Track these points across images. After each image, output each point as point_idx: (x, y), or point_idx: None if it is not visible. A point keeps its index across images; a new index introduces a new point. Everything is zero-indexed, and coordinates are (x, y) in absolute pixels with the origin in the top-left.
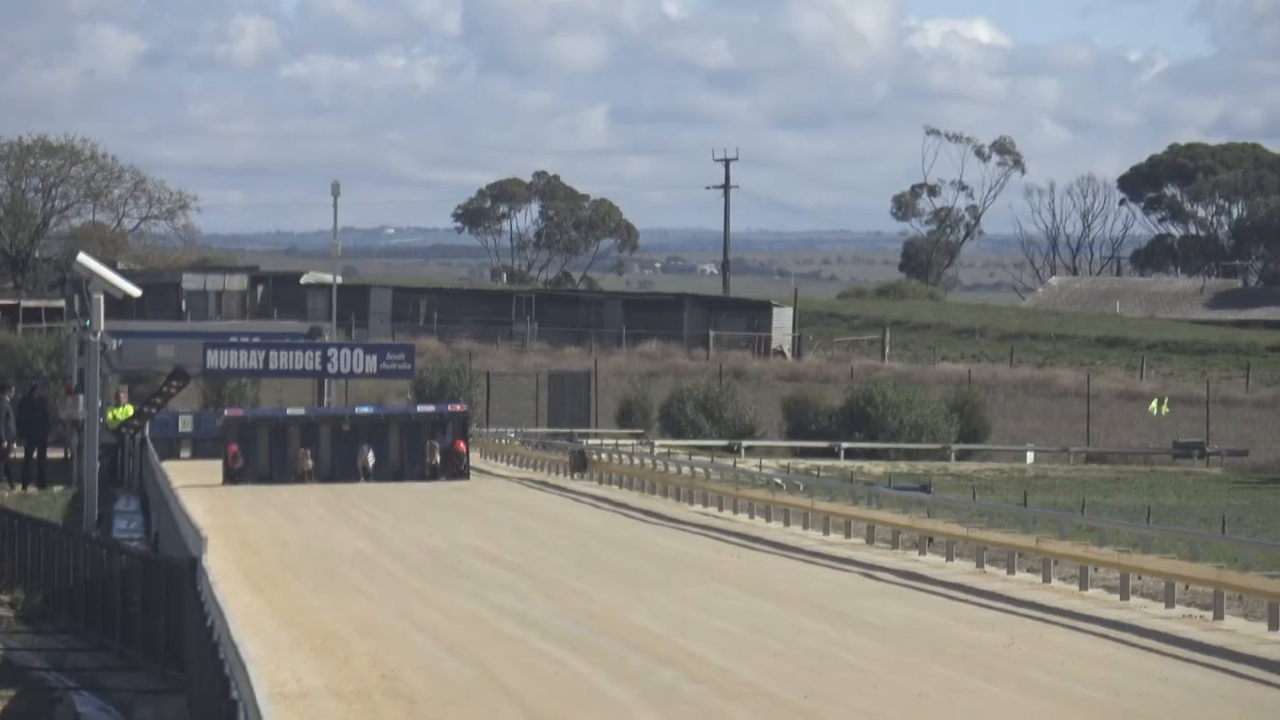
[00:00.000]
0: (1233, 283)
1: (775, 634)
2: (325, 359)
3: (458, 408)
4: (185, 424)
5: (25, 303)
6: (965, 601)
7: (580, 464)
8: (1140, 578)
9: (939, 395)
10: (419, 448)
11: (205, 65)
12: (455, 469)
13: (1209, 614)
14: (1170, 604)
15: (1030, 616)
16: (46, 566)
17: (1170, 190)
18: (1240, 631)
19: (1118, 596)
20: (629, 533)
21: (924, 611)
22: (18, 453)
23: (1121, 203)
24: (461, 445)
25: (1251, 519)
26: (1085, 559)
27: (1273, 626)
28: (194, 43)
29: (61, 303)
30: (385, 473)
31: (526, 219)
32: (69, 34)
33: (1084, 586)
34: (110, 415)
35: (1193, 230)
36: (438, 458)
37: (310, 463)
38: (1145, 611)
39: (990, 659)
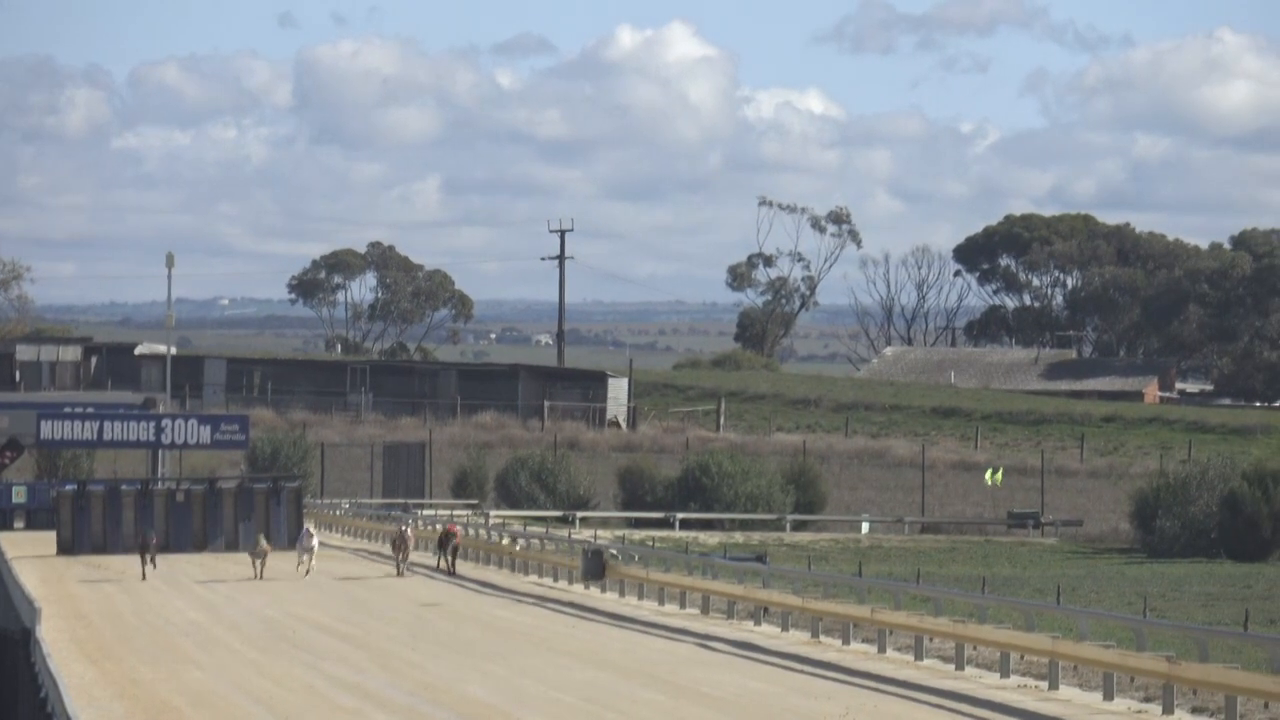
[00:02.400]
0: (1067, 353)
1: (610, 704)
2: (159, 430)
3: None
4: (19, 495)
5: None
6: (800, 672)
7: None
8: (976, 648)
9: (774, 466)
10: (254, 518)
11: (35, 136)
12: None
13: (1044, 684)
14: (1005, 674)
15: (865, 687)
16: None
17: (1004, 261)
18: (1075, 701)
19: (953, 666)
20: (464, 603)
21: (759, 682)
22: None
23: (956, 273)
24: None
25: (1086, 589)
26: (920, 629)
27: (1107, 696)
28: (24, 114)
29: None
30: (219, 544)
31: (361, 290)
32: None
33: (919, 656)
34: None
35: (1027, 300)
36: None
37: (154, 538)
38: (981, 681)
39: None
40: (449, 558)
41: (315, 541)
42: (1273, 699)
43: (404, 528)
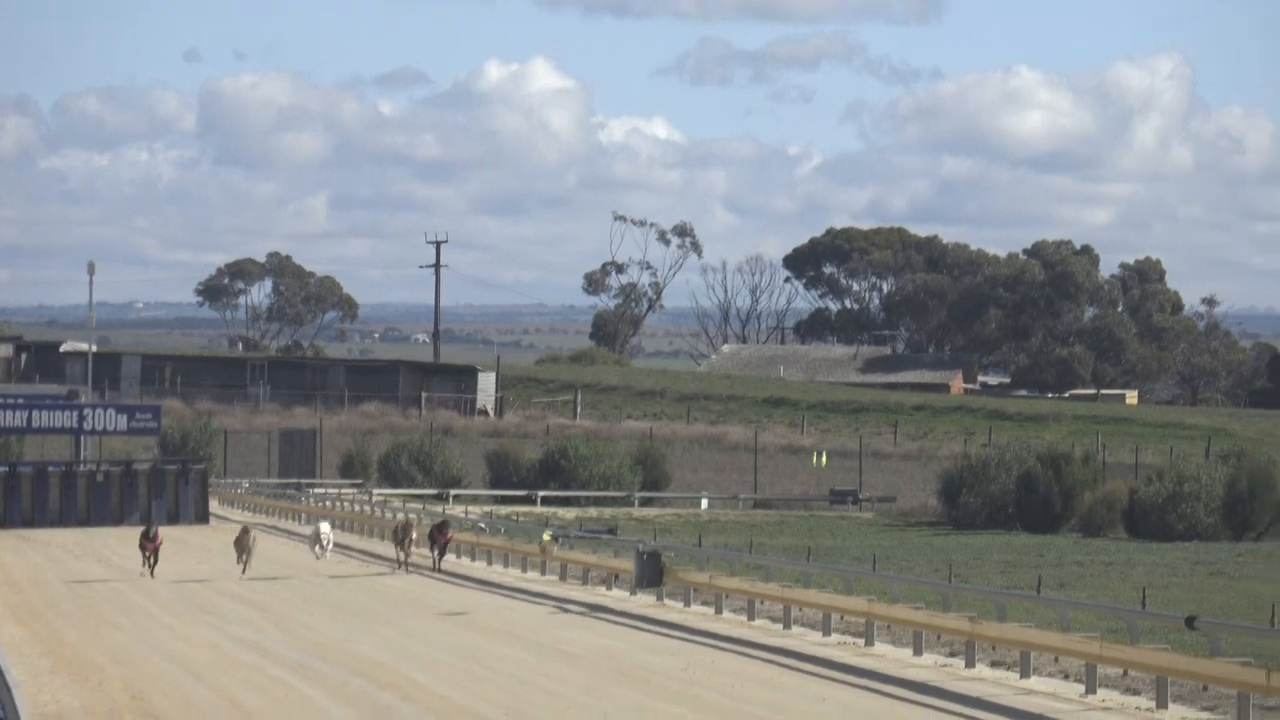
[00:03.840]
0: (882, 350)
1: (482, 661)
2: (81, 418)
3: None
4: None
5: None
6: (647, 631)
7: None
8: (801, 609)
9: (624, 449)
10: (165, 495)
11: None
12: (199, 514)
13: (861, 641)
14: (827, 632)
15: (704, 644)
16: None
17: (828, 268)
18: (889, 657)
19: (781, 626)
20: (351, 572)
21: (610, 640)
22: None
23: (785, 280)
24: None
25: (898, 557)
26: (752, 593)
27: (917, 652)
28: None
29: None
30: (135, 519)
31: (259, 294)
32: None
33: (751, 617)
34: None
35: (848, 304)
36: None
37: (159, 539)
38: (806, 639)
39: (668, 682)
40: (437, 553)
41: (328, 530)
42: (1062, 654)
43: (409, 518)
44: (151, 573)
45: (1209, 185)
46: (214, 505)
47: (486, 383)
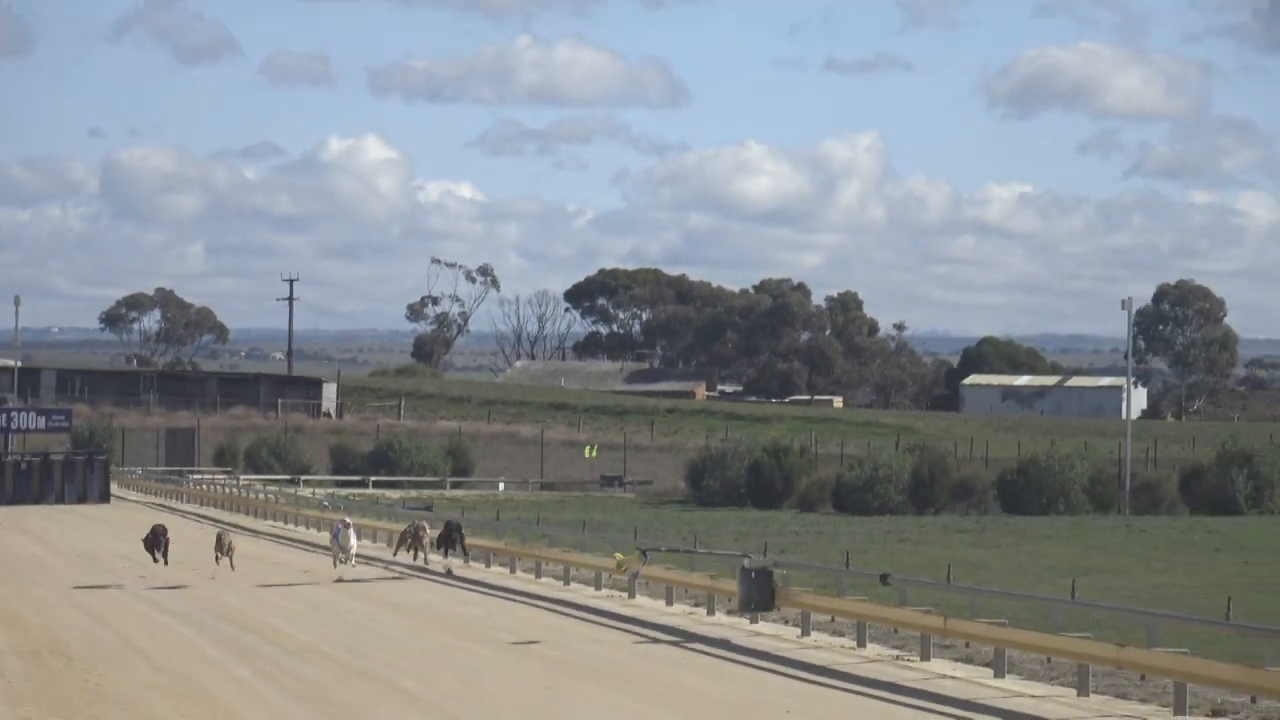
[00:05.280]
0: (642, 365)
1: (326, 611)
2: (9, 419)
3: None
4: None
5: None
6: (456, 588)
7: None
8: (578, 570)
9: (438, 443)
10: (75, 480)
11: None
12: (101, 495)
13: (625, 594)
14: (599, 588)
15: (501, 598)
16: None
17: (600, 301)
18: (647, 606)
19: (563, 583)
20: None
21: (427, 595)
22: None
23: (565, 310)
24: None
25: (655, 528)
26: (539, 556)
27: (669, 603)
28: None
29: None
30: (51, 499)
31: (149, 321)
32: None
33: (539, 575)
34: None
35: (615, 329)
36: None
37: (167, 538)
38: (582, 593)
39: (472, 626)
40: (456, 556)
41: (353, 538)
42: (784, 604)
43: (418, 522)
44: (165, 560)
45: (898, 235)
46: (114, 488)
47: (329, 391)
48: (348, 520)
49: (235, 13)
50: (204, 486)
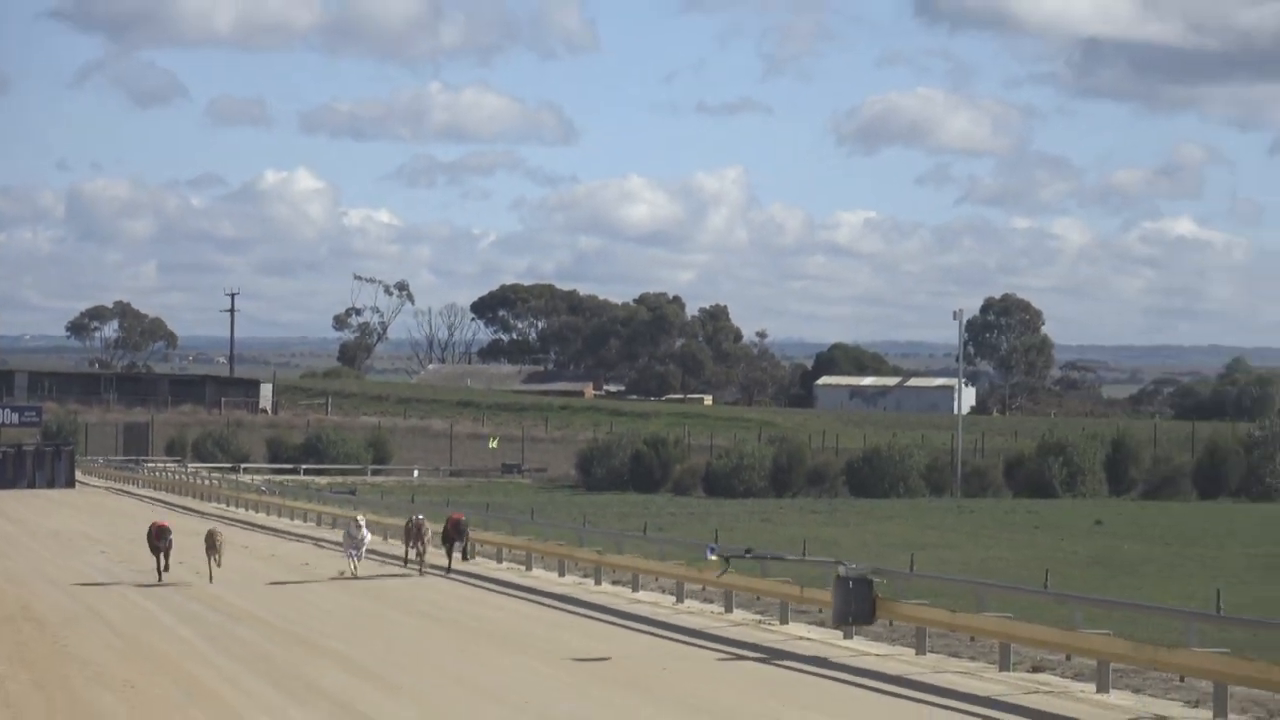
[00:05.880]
0: (538, 368)
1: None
2: None
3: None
4: None
5: None
6: (375, 560)
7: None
8: (481, 546)
9: (361, 436)
10: (45, 468)
11: None
12: (68, 480)
13: (524, 568)
14: (500, 561)
15: (418, 570)
16: None
17: (502, 312)
18: (542, 578)
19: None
20: (182, 522)
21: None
22: None
23: (472, 320)
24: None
25: (549, 510)
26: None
27: (561, 574)
28: None
29: None
30: (24, 484)
31: (110, 330)
32: None
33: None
34: None
35: (515, 336)
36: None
37: (169, 543)
38: (486, 567)
39: (388, 591)
40: (456, 554)
41: (365, 534)
42: (660, 575)
43: (418, 516)
44: (160, 578)
45: (760, 255)
46: (79, 475)
47: (266, 391)
48: (360, 520)
49: (183, 62)
50: (157, 473)
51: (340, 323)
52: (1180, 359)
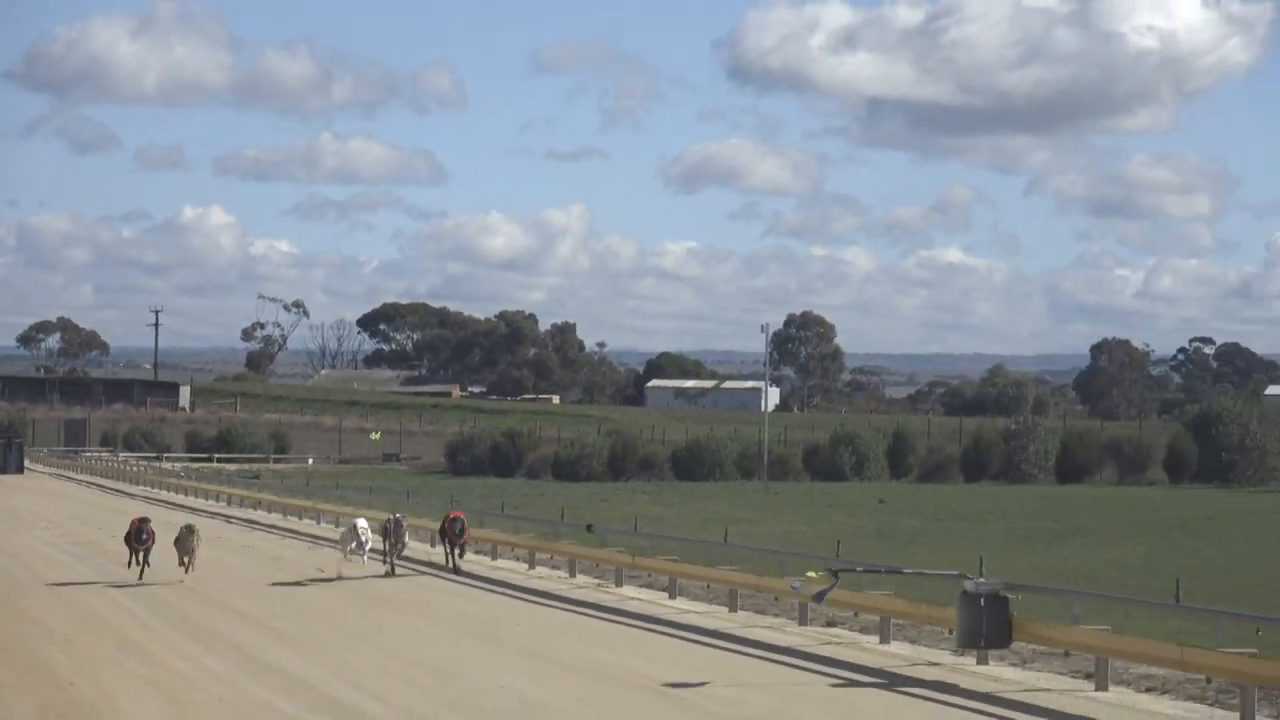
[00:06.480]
0: (414, 373)
1: (217, 567)
2: None
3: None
4: None
5: None
6: (294, 538)
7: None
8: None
9: (265, 430)
10: None
11: None
12: (18, 468)
13: (429, 546)
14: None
15: (322, 546)
16: None
17: (383, 326)
18: (417, 549)
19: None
20: (113, 502)
21: (269, 544)
22: None
23: (358, 333)
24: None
25: (423, 492)
26: (336, 512)
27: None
28: None
29: None
30: None
31: (53, 341)
32: None
33: (337, 526)
34: None
35: (394, 346)
36: None
37: (150, 541)
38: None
39: (324, 564)
40: (454, 552)
41: (368, 535)
42: (516, 547)
43: (398, 515)
44: (140, 574)
45: (600, 278)
46: (27, 463)
47: (185, 392)
48: (363, 522)
49: (116, 117)
50: (93, 461)
51: (247, 335)
52: (950, 365)
